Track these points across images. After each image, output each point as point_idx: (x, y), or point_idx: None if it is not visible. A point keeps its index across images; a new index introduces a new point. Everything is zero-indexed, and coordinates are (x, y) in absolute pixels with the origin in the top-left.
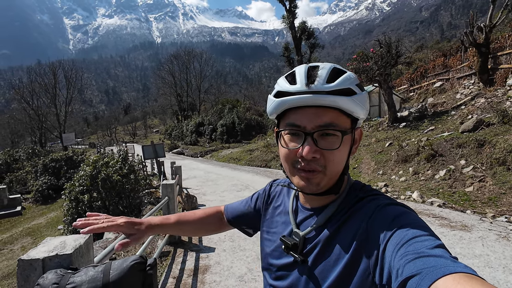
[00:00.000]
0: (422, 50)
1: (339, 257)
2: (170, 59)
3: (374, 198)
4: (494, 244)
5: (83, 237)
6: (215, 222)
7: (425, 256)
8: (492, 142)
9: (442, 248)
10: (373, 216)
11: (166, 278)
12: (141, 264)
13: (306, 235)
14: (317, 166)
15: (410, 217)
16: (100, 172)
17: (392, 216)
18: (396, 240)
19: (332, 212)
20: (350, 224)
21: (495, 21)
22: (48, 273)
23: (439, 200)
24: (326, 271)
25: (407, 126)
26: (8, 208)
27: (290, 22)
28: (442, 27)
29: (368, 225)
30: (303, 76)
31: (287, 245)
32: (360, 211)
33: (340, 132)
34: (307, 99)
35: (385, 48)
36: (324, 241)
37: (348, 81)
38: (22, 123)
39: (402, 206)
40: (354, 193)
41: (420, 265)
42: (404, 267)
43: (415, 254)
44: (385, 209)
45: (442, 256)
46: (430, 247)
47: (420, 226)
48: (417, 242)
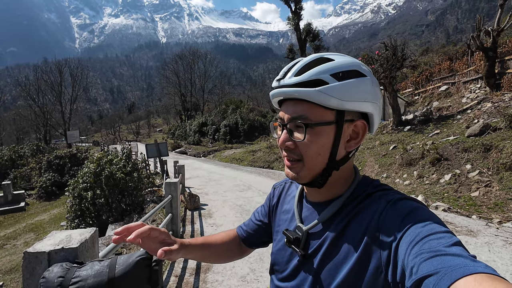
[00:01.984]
0: (427, 54)
1: (348, 254)
2: (174, 59)
3: (384, 193)
4: (501, 250)
5: (88, 231)
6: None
7: (442, 255)
8: (499, 147)
9: (460, 246)
10: (384, 212)
11: (168, 276)
12: (146, 260)
13: (310, 230)
14: (294, 156)
15: (424, 212)
16: (104, 170)
17: (404, 212)
18: (410, 237)
19: (337, 207)
20: (359, 221)
21: (503, 25)
22: (53, 266)
23: (444, 204)
24: (335, 270)
25: (412, 129)
26: (12, 203)
27: (295, 23)
28: (448, 31)
29: (380, 221)
30: (283, 71)
31: (289, 238)
32: (370, 207)
33: (304, 124)
34: (277, 93)
35: (391, 50)
36: (331, 239)
37: (320, 72)
38: (28, 120)
39: (414, 200)
40: (362, 188)
41: (437, 264)
42: (419, 266)
43: (431, 253)
44: (396, 204)
45: (461, 255)
46: (447, 245)
47: (434, 222)
48: (432, 240)
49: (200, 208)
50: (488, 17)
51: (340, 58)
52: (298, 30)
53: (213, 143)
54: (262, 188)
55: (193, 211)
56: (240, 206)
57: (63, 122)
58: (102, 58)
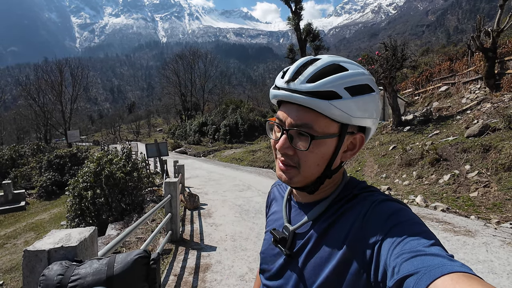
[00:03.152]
0: (427, 54)
1: (331, 254)
2: (175, 59)
3: (369, 194)
4: (499, 250)
5: (87, 230)
6: None
7: (422, 255)
8: (498, 147)
9: (439, 246)
10: (368, 213)
11: (167, 275)
12: (145, 258)
13: (296, 230)
14: (291, 162)
15: (406, 213)
16: (103, 169)
17: (388, 213)
18: (392, 237)
19: (324, 208)
20: (343, 221)
21: (503, 25)
22: (53, 264)
23: (443, 204)
24: (318, 268)
25: (412, 129)
26: (12, 203)
27: (296, 23)
28: (448, 31)
29: (364, 222)
30: (292, 71)
31: (275, 238)
32: (355, 208)
33: (310, 135)
34: (284, 96)
35: (391, 51)
36: (315, 238)
37: (334, 83)
38: (28, 119)
39: (398, 202)
40: (349, 190)
41: (417, 264)
42: (400, 266)
43: (412, 253)
44: (380, 205)
45: (439, 255)
46: (427, 245)
47: (416, 223)
48: (413, 240)
49: (199, 207)
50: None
51: (353, 69)
52: (299, 30)
53: (213, 143)
54: (261, 188)
55: (192, 210)
56: (240, 206)
57: (64, 122)
58: (102, 58)
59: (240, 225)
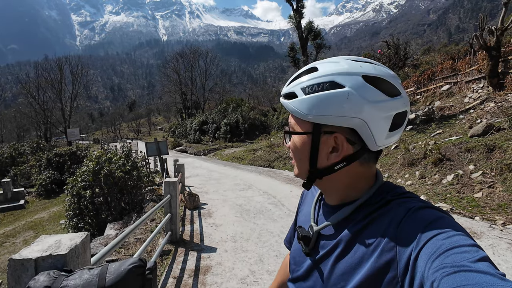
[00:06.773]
0: (429, 53)
1: (361, 261)
2: (175, 57)
3: (405, 200)
4: (506, 253)
5: (79, 236)
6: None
7: (467, 271)
8: (502, 147)
9: (487, 262)
10: (404, 220)
11: (167, 278)
12: (139, 268)
13: (320, 230)
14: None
15: (448, 222)
16: (102, 168)
17: (426, 221)
18: (431, 249)
19: (348, 212)
20: (374, 228)
21: (506, 24)
22: (40, 275)
23: (447, 205)
24: (347, 275)
25: (414, 129)
26: (11, 201)
27: (297, 22)
28: (450, 30)
29: (398, 230)
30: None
31: (298, 235)
32: (387, 215)
33: (286, 132)
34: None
35: (393, 49)
36: (344, 243)
37: (294, 85)
38: (28, 117)
39: (438, 210)
40: (382, 195)
41: (460, 281)
42: (440, 281)
43: (454, 267)
44: (417, 213)
45: (488, 273)
46: (472, 260)
47: (459, 234)
48: (456, 254)
49: (199, 207)
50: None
51: (325, 67)
52: (300, 28)
53: (214, 142)
54: (262, 187)
55: (192, 210)
56: (240, 205)
57: (64, 120)
58: (102, 56)
59: (240, 226)
